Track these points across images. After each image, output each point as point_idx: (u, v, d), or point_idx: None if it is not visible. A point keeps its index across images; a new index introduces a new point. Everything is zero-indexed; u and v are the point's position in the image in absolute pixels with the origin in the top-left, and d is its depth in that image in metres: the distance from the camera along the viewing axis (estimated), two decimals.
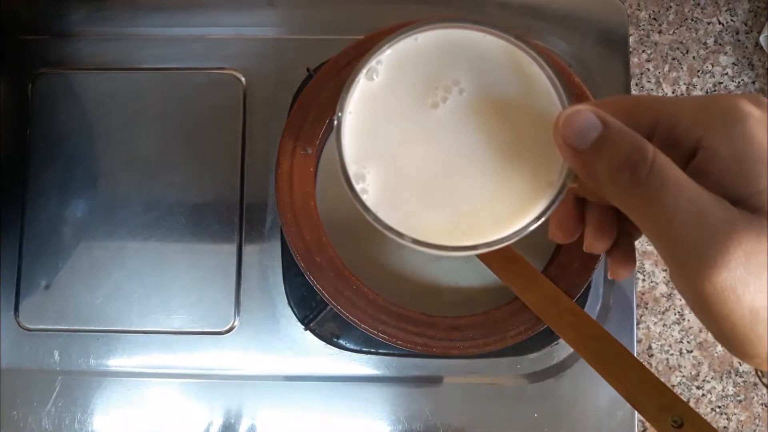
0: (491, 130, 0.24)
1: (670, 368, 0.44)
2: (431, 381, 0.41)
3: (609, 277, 0.28)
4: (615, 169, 0.20)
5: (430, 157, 0.24)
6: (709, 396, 0.44)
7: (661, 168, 0.19)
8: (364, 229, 0.37)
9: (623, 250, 0.25)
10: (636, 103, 0.21)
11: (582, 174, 0.21)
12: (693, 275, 0.18)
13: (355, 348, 0.40)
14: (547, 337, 0.40)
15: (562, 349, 0.41)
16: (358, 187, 0.24)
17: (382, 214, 0.24)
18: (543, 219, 0.23)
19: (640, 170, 0.19)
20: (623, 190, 0.20)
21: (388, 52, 0.25)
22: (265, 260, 0.41)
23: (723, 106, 0.19)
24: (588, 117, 0.20)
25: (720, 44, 0.47)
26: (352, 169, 0.24)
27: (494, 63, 0.24)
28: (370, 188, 0.24)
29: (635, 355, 0.41)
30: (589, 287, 0.40)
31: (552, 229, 0.26)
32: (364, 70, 0.24)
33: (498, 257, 0.34)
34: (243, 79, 0.43)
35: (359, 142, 0.24)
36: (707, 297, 0.18)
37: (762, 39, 0.46)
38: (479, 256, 0.34)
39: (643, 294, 0.44)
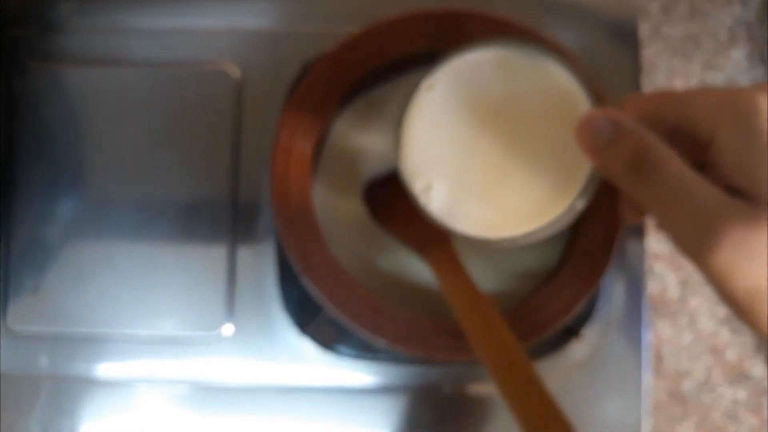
0: (534, 135, 0.28)
1: (681, 374, 0.44)
2: (433, 388, 0.40)
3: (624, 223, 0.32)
4: (623, 166, 0.22)
5: (480, 161, 0.29)
6: (720, 401, 0.44)
7: (662, 164, 0.22)
8: (363, 230, 0.38)
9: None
10: (663, 98, 0.24)
11: (601, 170, 0.24)
12: (696, 260, 0.21)
13: (354, 354, 0.40)
14: (553, 345, 0.39)
15: (569, 357, 0.40)
16: (416, 187, 0.29)
17: (439, 213, 0.29)
18: (577, 209, 0.27)
19: (643, 167, 0.22)
20: (631, 185, 0.23)
21: (444, 68, 0.29)
22: (260, 262, 0.40)
23: (739, 101, 0.21)
24: (600, 120, 0.23)
25: (732, 38, 0.46)
26: (411, 175, 0.29)
27: (533, 76, 0.28)
28: (429, 190, 0.29)
29: (646, 360, 0.40)
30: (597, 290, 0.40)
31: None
32: (424, 84, 0.29)
33: (461, 298, 0.32)
34: (237, 73, 0.42)
35: (416, 149, 0.29)
36: (711, 277, 0.21)
37: None
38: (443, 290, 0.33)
39: (654, 297, 0.43)
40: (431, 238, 0.34)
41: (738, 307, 0.21)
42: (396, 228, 0.36)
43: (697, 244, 0.21)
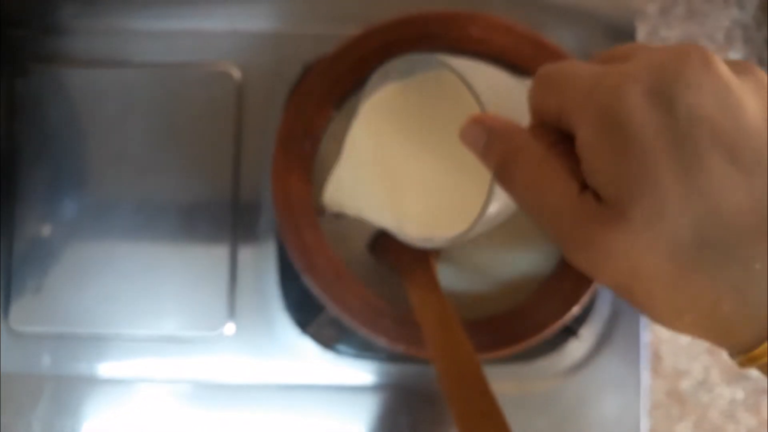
0: (453, 142, 0.29)
1: (679, 373, 0.44)
2: (434, 388, 0.40)
3: None
4: (497, 168, 0.22)
5: (411, 177, 0.32)
6: (718, 401, 0.44)
7: (522, 166, 0.21)
8: (363, 229, 0.37)
9: None
10: (549, 82, 0.22)
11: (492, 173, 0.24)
12: (565, 256, 0.21)
13: (355, 353, 0.40)
14: (551, 344, 0.39)
15: (568, 355, 0.40)
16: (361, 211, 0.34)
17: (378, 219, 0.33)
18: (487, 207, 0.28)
19: (509, 169, 0.22)
20: (504, 185, 0.22)
21: (370, 96, 0.32)
22: (261, 262, 0.40)
23: (600, 93, 0.19)
24: (473, 127, 0.23)
25: (729, 40, 0.46)
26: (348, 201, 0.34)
27: (440, 88, 0.31)
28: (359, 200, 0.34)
29: (645, 359, 0.40)
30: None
31: None
32: (354, 120, 0.33)
33: (429, 315, 0.32)
34: (238, 74, 0.42)
35: (350, 179, 0.34)
36: (581, 270, 0.21)
37: None
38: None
39: None
40: (410, 261, 0.35)
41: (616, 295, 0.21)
42: (385, 259, 0.37)
43: (558, 243, 0.21)
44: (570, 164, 0.20)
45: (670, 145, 0.18)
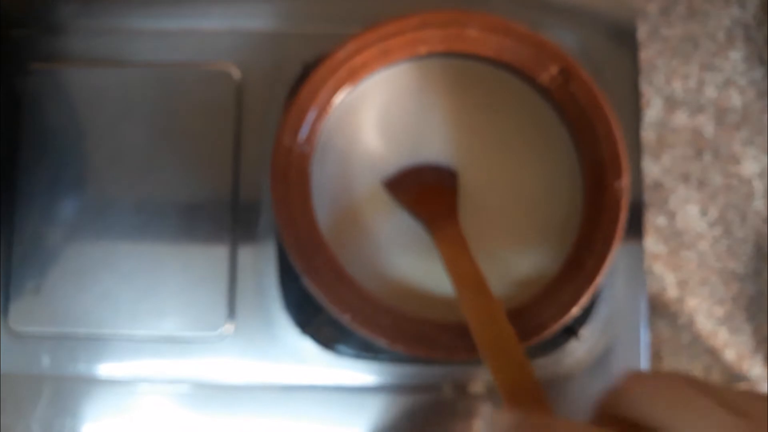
0: None
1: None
2: (433, 388, 0.40)
3: None
4: None
5: None
6: None
7: None
8: (363, 229, 0.38)
9: None
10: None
11: None
12: None
13: (354, 353, 0.40)
14: (553, 342, 0.39)
15: (569, 354, 0.40)
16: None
17: None
18: None
19: None
20: None
21: None
22: (260, 263, 0.40)
23: None
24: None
25: (730, 39, 0.46)
26: None
27: None
28: None
29: (645, 360, 0.40)
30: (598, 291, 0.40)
31: None
32: None
33: (459, 272, 0.33)
34: (237, 74, 0.42)
35: None
36: None
37: None
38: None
39: (653, 297, 0.43)
40: (438, 214, 0.35)
41: None
42: (408, 203, 0.37)
43: None
44: None
45: None
